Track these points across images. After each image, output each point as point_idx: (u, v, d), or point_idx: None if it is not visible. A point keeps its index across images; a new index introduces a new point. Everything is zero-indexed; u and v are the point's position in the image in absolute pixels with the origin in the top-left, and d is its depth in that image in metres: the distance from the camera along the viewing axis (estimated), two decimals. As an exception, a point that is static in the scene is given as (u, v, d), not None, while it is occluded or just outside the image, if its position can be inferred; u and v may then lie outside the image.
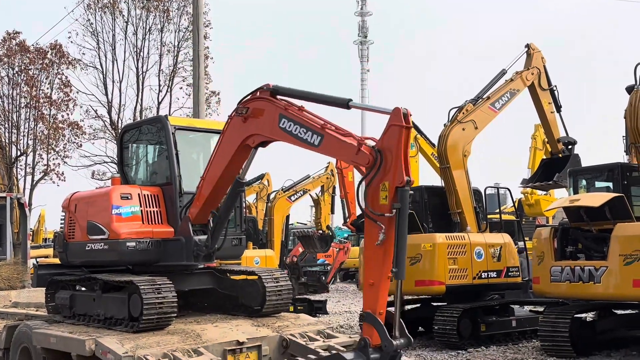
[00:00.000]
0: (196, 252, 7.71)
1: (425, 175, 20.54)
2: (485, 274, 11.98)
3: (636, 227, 9.45)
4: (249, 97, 7.13)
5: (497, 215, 14.43)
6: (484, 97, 13.51)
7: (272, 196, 20.66)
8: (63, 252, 8.64)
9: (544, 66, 14.65)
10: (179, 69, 23.41)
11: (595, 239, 10.11)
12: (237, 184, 7.48)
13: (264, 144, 7.18)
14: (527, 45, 14.77)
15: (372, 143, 6.01)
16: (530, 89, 14.46)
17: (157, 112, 23.21)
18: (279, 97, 6.88)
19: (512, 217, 18.42)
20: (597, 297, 9.86)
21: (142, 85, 23.38)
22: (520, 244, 14.96)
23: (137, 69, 23.51)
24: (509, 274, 12.40)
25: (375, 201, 5.78)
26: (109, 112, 23.33)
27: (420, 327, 13.37)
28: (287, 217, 21.56)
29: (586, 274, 9.65)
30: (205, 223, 7.91)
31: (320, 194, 22.56)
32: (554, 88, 14.80)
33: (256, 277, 8.31)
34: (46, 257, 25.81)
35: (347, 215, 24.30)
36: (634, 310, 10.98)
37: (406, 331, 5.88)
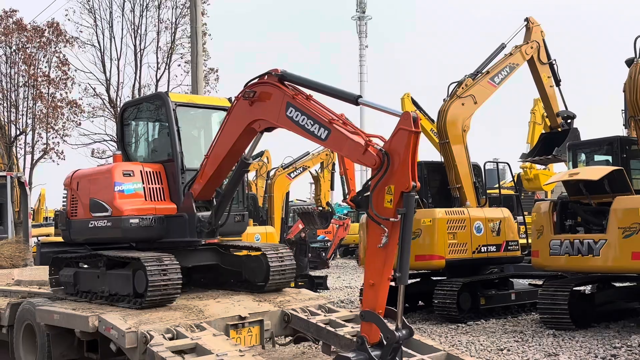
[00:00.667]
0: (199, 228, 7.67)
1: (425, 151, 20.54)
2: (485, 248, 12.04)
3: (635, 200, 9.47)
4: (256, 80, 6.96)
5: (497, 190, 14.44)
6: (483, 71, 13.45)
7: (271, 173, 20.67)
8: (66, 230, 8.57)
9: (543, 40, 14.58)
10: (176, 46, 23.22)
11: (594, 213, 10.13)
12: (242, 163, 7.44)
13: (269, 129, 7.07)
14: (527, 19, 14.68)
15: (380, 142, 5.87)
16: (529, 63, 14.40)
17: (156, 89, 23.06)
18: (286, 83, 6.72)
19: (511, 192, 18.40)
20: (596, 269, 9.91)
21: (140, 62, 23.21)
22: (520, 218, 15.00)
23: (134, 46, 23.32)
24: (509, 248, 12.47)
25: (380, 204, 5.64)
26: (108, 90, 23.19)
27: (420, 302, 13.49)
28: (287, 194, 21.58)
29: (585, 247, 9.69)
30: (209, 200, 7.85)
31: (319, 170, 22.56)
32: (554, 62, 14.73)
33: (260, 253, 8.31)
34: (47, 235, 25.90)
35: (346, 191, 24.27)
36: (632, 283, 11.06)
37: (407, 323, 5.90)
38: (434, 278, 12.72)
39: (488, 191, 13.78)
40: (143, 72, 23.52)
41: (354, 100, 6.19)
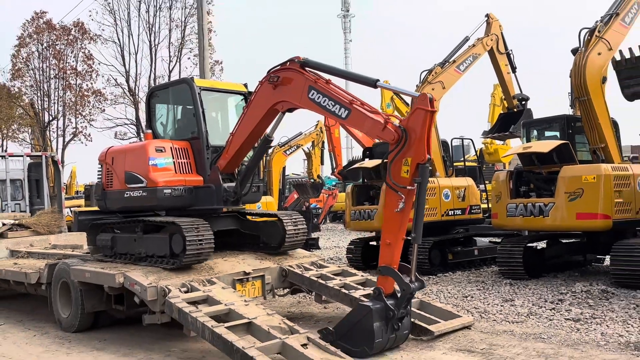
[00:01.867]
0: (225, 197, 7.64)
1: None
2: (452, 212, 12.06)
3: (579, 169, 9.47)
4: (279, 67, 6.84)
5: (462, 163, 14.43)
6: (450, 60, 13.36)
7: (270, 151, 20.57)
8: (101, 199, 8.47)
9: (501, 33, 14.46)
10: (186, 41, 22.98)
11: (545, 180, 10.14)
12: (265, 140, 7.40)
13: (291, 109, 6.98)
14: (487, 15, 14.54)
15: (396, 121, 5.86)
16: (489, 53, 14.31)
17: (169, 79, 22.82)
18: (307, 69, 6.60)
19: (474, 164, 18.43)
20: (546, 228, 9.95)
21: (155, 56, 22.96)
22: (482, 186, 15.03)
23: (149, 42, 23.04)
24: (472, 211, 12.50)
25: (397, 174, 5.65)
26: (127, 81, 22.94)
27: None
28: (284, 169, 21.56)
29: (537, 209, 9.71)
30: (232, 173, 7.87)
31: (311, 148, 22.51)
32: (510, 52, 14.64)
33: (277, 218, 8.25)
34: (78, 206, 25.79)
35: (334, 166, 24.31)
36: (576, 239, 11.13)
37: (419, 277, 5.97)
38: (408, 238, 12.72)
39: (455, 164, 13.77)
40: (157, 64, 23.37)
41: (373, 83, 6.09)
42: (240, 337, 5.83)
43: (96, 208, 8.95)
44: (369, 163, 12.36)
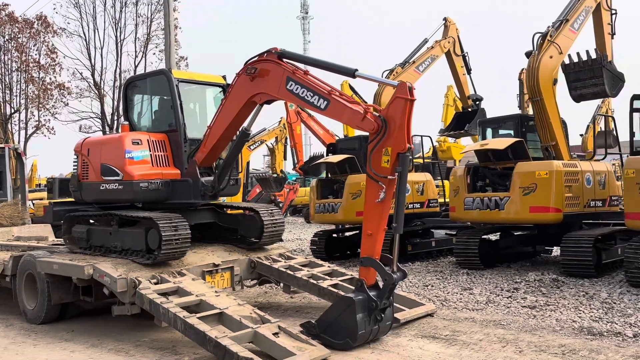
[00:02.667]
0: (203, 191, 7.35)
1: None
2: (412, 205, 12.10)
3: (532, 165, 9.63)
4: (256, 58, 6.56)
5: (420, 159, 14.51)
6: (410, 61, 13.44)
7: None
8: (77, 191, 8.07)
9: (458, 36, 14.64)
10: (152, 37, 22.38)
11: (500, 175, 10.26)
12: (243, 134, 7.13)
13: (269, 101, 6.74)
14: (445, 19, 14.69)
15: (375, 112, 5.63)
16: (447, 55, 14.47)
17: (134, 74, 22.18)
18: (285, 60, 6.36)
19: (431, 160, 18.61)
20: (502, 221, 10.08)
21: (121, 51, 22.29)
22: (436, 182, 15.16)
23: (116, 37, 22.33)
24: (430, 205, 12.58)
25: (378, 164, 5.45)
26: (93, 75, 22.18)
27: (358, 249, 13.49)
28: (248, 164, 21.25)
29: (493, 203, 9.83)
30: (210, 166, 7.55)
31: (274, 143, 22.30)
32: (466, 54, 14.85)
33: (255, 212, 7.96)
34: (40, 199, 24.87)
35: (296, 161, 24.16)
36: (526, 231, 11.33)
37: (401, 267, 5.81)
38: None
39: (414, 160, 13.82)
40: (123, 59, 22.65)
41: (352, 73, 5.88)
42: (212, 327, 5.67)
43: (59, 200, 8.61)
44: (333, 158, 12.28)
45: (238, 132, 7.21)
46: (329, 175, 12.73)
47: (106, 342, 6.53)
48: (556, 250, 11.97)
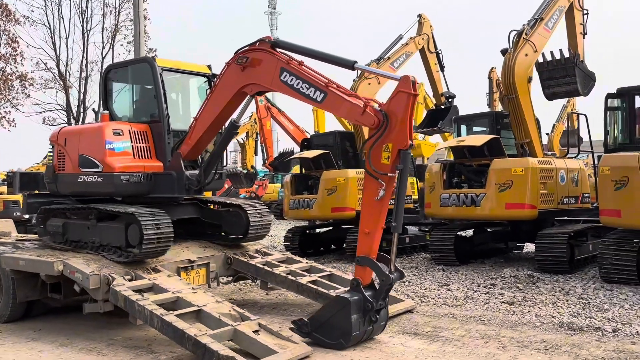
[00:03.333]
0: (188, 185, 7.07)
1: (333, 122, 20.44)
2: (386, 201, 12.03)
3: (508, 162, 9.69)
4: (247, 47, 6.28)
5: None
6: (384, 57, 13.37)
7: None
8: (52, 182, 7.70)
9: (432, 33, 14.64)
10: (120, 28, 21.75)
11: (476, 172, 10.30)
12: (232, 126, 6.82)
13: (260, 93, 6.50)
14: (419, 15, 14.68)
15: (376, 105, 5.37)
16: (420, 52, 14.45)
17: (102, 66, 21.59)
18: (278, 50, 6.08)
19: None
20: (477, 217, 10.11)
21: (87, 42, 21.57)
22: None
23: (82, 27, 21.64)
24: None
25: (378, 160, 5.22)
26: (58, 65, 21.45)
27: (332, 246, 13.43)
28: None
29: (469, 199, 9.85)
30: (195, 160, 7.24)
31: (245, 139, 22.03)
32: (439, 51, 14.86)
33: (240, 208, 7.64)
34: (0, 194, 24.01)
35: (265, 157, 23.95)
36: (500, 228, 11.42)
37: (398, 267, 5.61)
38: (344, 226, 12.65)
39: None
40: (90, 50, 21.97)
41: (351, 65, 5.66)
42: (191, 325, 5.47)
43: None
44: (308, 154, 12.14)
45: (226, 124, 6.94)
46: (304, 171, 12.58)
47: (76, 341, 6.26)
48: (528, 247, 12.13)
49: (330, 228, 13.15)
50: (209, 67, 7.92)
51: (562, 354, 5.23)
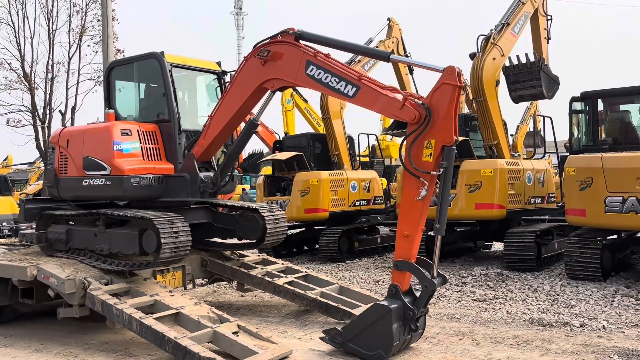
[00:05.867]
0: (202, 188, 6.66)
1: (302, 124, 20.51)
2: (358, 202, 12.17)
3: (478, 164, 9.86)
4: (268, 40, 5.89)
5: (367, 158, 14.62)
6: (355, 60, 13.46)
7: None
8: (53, 187, 7.24)
9: (401, 36, 14.81)
10: (87, 28, 21.30)
11: (445, 173, 10.44)
12: (252, 124, 6.37)
13: (282, 88, 6.05)
14: (389, 19, 14.83)
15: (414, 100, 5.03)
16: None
17: (68, 67, 21.11)
18: (302, 42, 5.69)
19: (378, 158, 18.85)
20: (448, 217, 10.15)
21: (53, 42, 21.04)
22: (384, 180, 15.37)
23: (48, 27, 21.10)
24: (376, 202, 12.69)
25: (419, 157, 4.87)
26: (22, 66, 20.86)
27: (305, 247, 13.48)
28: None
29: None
30: (208, 161, 6.83)
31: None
32: (409, 54, 15.04)
33: (256, 212, 7.19)
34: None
35: (236, 158, 23.76)
36: (468, 227, 11.62)
37: (441, 272, 5.29)
38: (317, 227, 12.71)
39: (363, 159, 13.94)
40: (55, 50, 21.43)
41: (386, 57, 5.32)
42: (170, 328, 5.44)
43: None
44: (281, 155, 12.15)
45: (244, 122, 6.53)
46: (276, 173, 12.59)
47: (51, 346, 6.15)
48: (495, 245, 12.40)
49: (303, 229, 13.18)
50: (219, 63, 7.57)
51: (534, 348, 5.39)
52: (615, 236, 8.56)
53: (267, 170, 19.84)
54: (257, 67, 5.95)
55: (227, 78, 7.50)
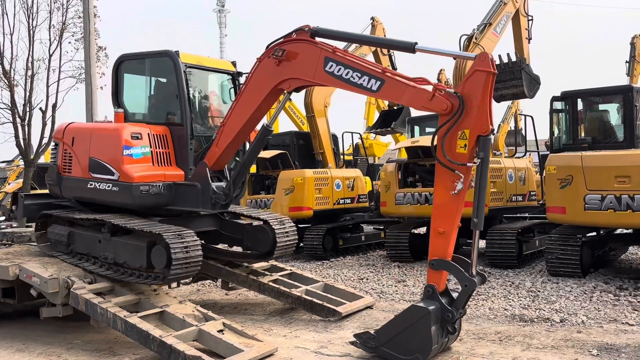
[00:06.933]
0: (214, 200, 6.32)
1: (286, 123, 20.48)
2: (342, 200, 12.21)
3: (460, 162, 9.96)
4: (282, 39, 5.69)
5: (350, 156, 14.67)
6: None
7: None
8: (56, 185, 6.95)
9: (385, 35, 14.88)
10: (68, 25, 20.99)
11: (429, 171, 10.54)
12: (265, 131, 6.12)
13: (298, 89, 5.83)
14: (372, 18, 14.89)
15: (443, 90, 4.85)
16: (374, 54, 14.65)
17: (49, 63, 20.82)
18: (318, 39, 5.51)
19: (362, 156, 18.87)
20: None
21: (33, 38, 20.69)
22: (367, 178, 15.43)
23: (28, 23, 20.75)
24: (360, 200, 12.74)
25: (452, 149, 4.67)
26: (2, 63, 20.50)
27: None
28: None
29: (423, 198, 10.10)
30: (221, 170, 6.54)
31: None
32: (392, 54, 15.12)
33: (264, 222, 7.02)
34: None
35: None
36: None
37: (479, 270, 5.11)
38: (301, 226, 12.70)
39: (347, 157, 13.98)
40: (36, 47, 21.08)
41: (411, 47, 5.07)
42: (155, 326, 5.43)
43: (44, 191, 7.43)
44: (265, 154, 12.13)
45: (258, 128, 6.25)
46: (261, 171, 12.58)
47: (33, 346, 6.09)
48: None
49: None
50: (234, 63, 7.27)
51: (516, 344, 5.48)
52: (594, 233, 8.72)
53: (251, 168, 19.77)
54: (271, 68, 5.74)
55: (242, 79, 7.15)
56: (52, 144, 7.17)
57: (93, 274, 6.25)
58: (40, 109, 20.07)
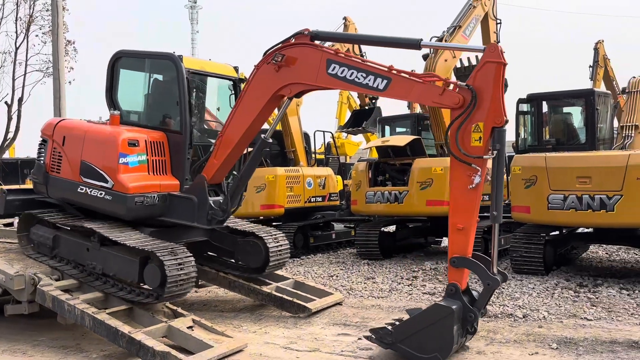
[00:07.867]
0: (211, 215, 6.07)
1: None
2: (314, 198, 12.28)
3: (429, 162, 10.17)
4: (280, 44, 5.57)
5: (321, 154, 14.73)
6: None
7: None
8: (42, 184, 6.59)
9: (356, 35, 14.98)
10: (35, 17, 20.60)
11: (398, 171, 10.72)
12: (263, 143, 5.88)
13: (299, 94, 5.68)
14: (345, 18, 14.96)
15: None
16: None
17: (15, 56, 20.40)
18: (318, 42, 5.46)
19: (334, 155, 18.99)
20: (401, 214, 10.51)
21: (-1, 31, 20.30)
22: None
23: (-7, 15, 20.32)
24: (331, 198, 12.83)
25: (467, 143, 4.59)
26: (-33, 55, 20.07)
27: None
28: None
29: (393, 197, 10.24)
30: (219, 183, 6.31)
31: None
32: (364, 54, 15.22)
33: (256, 236, 6.86)
34: None
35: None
36: (420, 224, 11.93)
37: (500, 269, 5.03)
38: (272, 223, 12.74)
39: (319, 156, 14.04)
40: (1, 39, 20.69)
41: (416, 44, 4.99)
42: (124, 323, 5.41)
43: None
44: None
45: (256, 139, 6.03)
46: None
47: (-2, 344, 5.99)
48: (445, 241, 12.75)
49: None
50: (236, 69, 7.03)
51: (480, 338, 5.63)
52: (557, 232, 8.99)
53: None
54: (270, 74, 5.60)
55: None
56: (40, 139, 6.83)
57: (82, 284, 6.10)
58: (6, 102, 19.66)
